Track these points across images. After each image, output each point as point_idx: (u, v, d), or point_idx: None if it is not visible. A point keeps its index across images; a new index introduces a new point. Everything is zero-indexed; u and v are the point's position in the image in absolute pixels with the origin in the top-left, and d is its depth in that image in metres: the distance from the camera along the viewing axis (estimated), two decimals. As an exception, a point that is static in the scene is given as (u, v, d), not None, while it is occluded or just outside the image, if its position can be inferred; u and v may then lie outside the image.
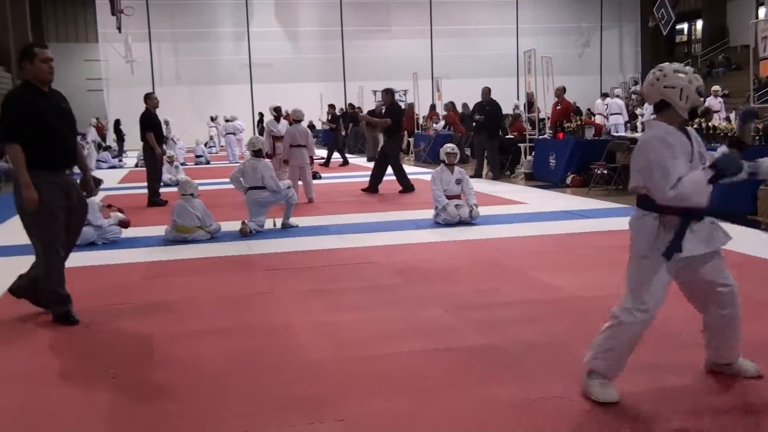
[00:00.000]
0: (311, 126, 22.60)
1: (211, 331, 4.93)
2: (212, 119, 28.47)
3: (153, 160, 11.86)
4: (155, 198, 11.85)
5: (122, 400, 3.78)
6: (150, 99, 11.95)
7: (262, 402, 3.67)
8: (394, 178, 12.75)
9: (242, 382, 3.95)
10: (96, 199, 8.80)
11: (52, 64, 5.16)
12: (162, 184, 12.86)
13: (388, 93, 13.25)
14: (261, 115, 28.94)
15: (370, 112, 22.60)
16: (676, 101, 3.41)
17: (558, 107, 14.79)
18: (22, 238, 9.08)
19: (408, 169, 18.32)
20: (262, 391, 3.82)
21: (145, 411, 3.64)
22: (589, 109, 27.29)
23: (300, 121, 12.29)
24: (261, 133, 25.12)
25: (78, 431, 3.43)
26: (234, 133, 23.54)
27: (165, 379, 4.05)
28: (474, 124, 15.51)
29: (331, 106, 22.00)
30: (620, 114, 20.33)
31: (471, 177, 14.25)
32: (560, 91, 14.97)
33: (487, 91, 14.94)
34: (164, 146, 12.91)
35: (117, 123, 26.71)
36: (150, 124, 11.75)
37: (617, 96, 21.60)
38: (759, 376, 3.70)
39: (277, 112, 14.30)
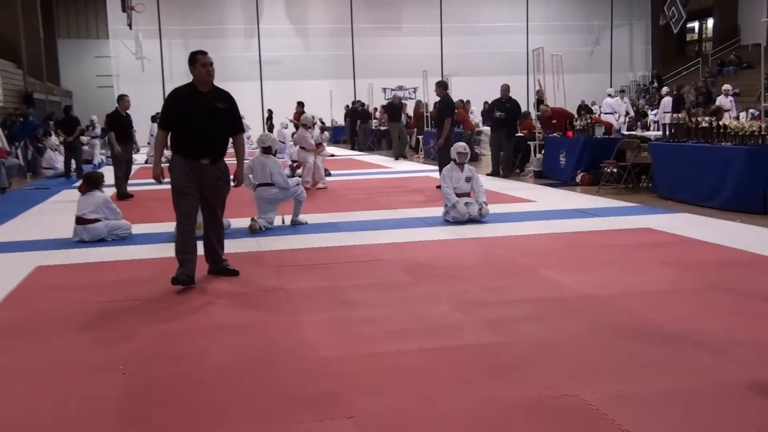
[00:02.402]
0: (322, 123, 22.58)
1: (220, 327, 4.94)
2: None
3: (114, 157, 12.81)
4: (123, 192, 12.52)
5: (131, 395, 3.80)
6: (122, 101, 13.01)
7: (271, 398, 3.67)
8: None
9: (252, 378, 3.95)
10: (107, 195, 8.84)
11: (210, 68, 6.04)
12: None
13: (441, 86, 13.21)
14: (270, 112, 28.93)
15: (388, 105, 22.45)
16: None
17: (553, 121, 14.71)
18: (26, 234, 9.13)
19: (418, 166, 18.35)
20: (271, 387, 3.82)
21: (155, 407, 3.65)
22: (594, 102, 27.23)
23: (305, 125, 13.46)
24: (270, 130, 25.16)
25: (87, 426, 3.44)
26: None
27: (174, 375, 4.06)
28: (492, 121, 15.46)
29: (300, 104, 21.80)
30: (612, 114, 20.28)
31: (488, 175, 14.33)
32: (547, 111, 14.98)
33: (506, 88, 14.87)
34: (136, 145, 13.94)
35: (128, 121, 26.77)
36: (114, 124, 12.80)
37: (609, 95, 21.54)
38: None
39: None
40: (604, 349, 4.23)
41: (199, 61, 6.00)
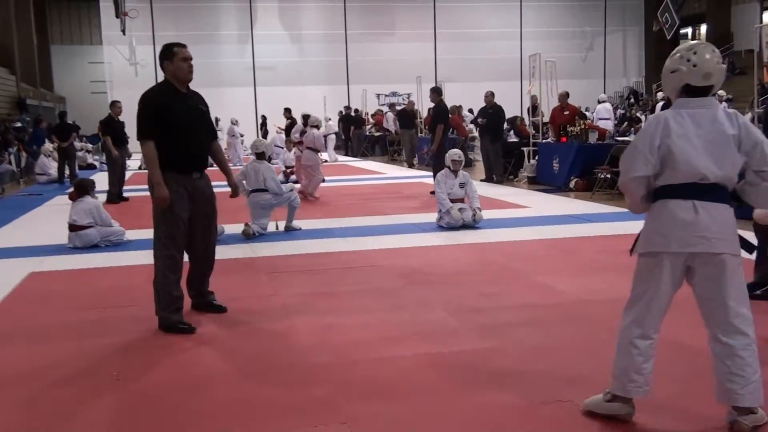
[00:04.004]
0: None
1: (214, 333, 4.93)
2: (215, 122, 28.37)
3: (111, 161, 13.08)
4: (115, 197, 12.73)
5: (125, 402, 3.78)
6: (114, 106, 13.35)
7: (265, 404, 3.67)
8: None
9: (245, 384, 3.95)
10: (98, 201, 8.81)
11: (191, 63, 5.12)
12: None
13: (435, 92, 13.25)
14: (264, 117, 28.81)
15: (401, 112, 22.27)
16: None
17: (566, 113, 14.75)
18: (20, 240, 9.09)
19: (411, 172, 18.36)
20: (265, 393, 3.82)
21: (149, 413, 3.64)
22: (587, 108, 27.26)
23: (316, 126, 13.34)
24: (264, 136, 25.13)
25: (81, 433, 3.43)
26: (236, 135, 23.52)
27: (168, 381, 4.05)
28: (477, 128, 15.56)
29: (287, 110, 21.67)
30: (609, 119, 20.34)
31: (482, 181, 14.36)
32: (563, 97, 14.96)
33: (490, 95, 14.96)
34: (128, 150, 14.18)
35: (121, 126, 26.75)
36: (109, 129, 13.11)
37: (604, 101, 21.62)
38: None
39: (304, 118, 15.93)
40: (597, 355, 4.23)
41: (178, 54, 5.04)
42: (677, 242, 3.16)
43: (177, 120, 4.99)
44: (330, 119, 25.73)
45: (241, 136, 23.98)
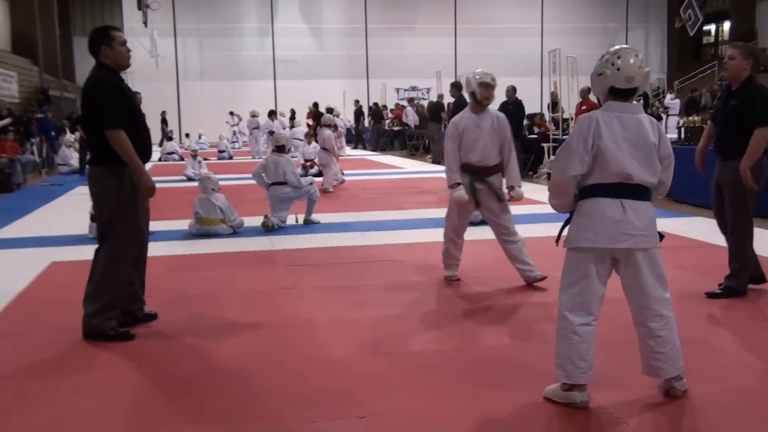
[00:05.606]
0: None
1: (233, 325, 4.95)
2: (231, 114, 28.30)
3: None
4: None
5: (145, 392, 3.81)
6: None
7: (283, 397, 3.68)
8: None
9: (264, 377, 3.96)
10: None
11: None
12: (186, 178, 14.21)
13: (455, 87, 13.24)
14: (293, 111, 28.76)
15: (433, 104, 22.19)
16: None
17: (583, 107, 14.67)
18: (42, 229, 9.16)
19: (430, 167, 18.32)
20: (283, 386, 3.83)
21: (167, 404, 3.66)
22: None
23: (328, 126, 13.71)
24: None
25: (101, 422, 3.45)
26: (258, 128, 23.51)
27: (187, 373, 4.08)
28: None
29: (314, 105, 21.59)
30: None
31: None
32: (585, 92, 14.86)
33: (511, 89, 14.84)
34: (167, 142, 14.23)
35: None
36: None
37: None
38: None
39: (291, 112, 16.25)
40: (618, 354, 4.21)
41: (117, 39, 4.65)
42: (606, 239, 3.39)
43: (136, 107, 4.71)
44: (340, 114, 25.78)
45: (290, 122, 23.84)
